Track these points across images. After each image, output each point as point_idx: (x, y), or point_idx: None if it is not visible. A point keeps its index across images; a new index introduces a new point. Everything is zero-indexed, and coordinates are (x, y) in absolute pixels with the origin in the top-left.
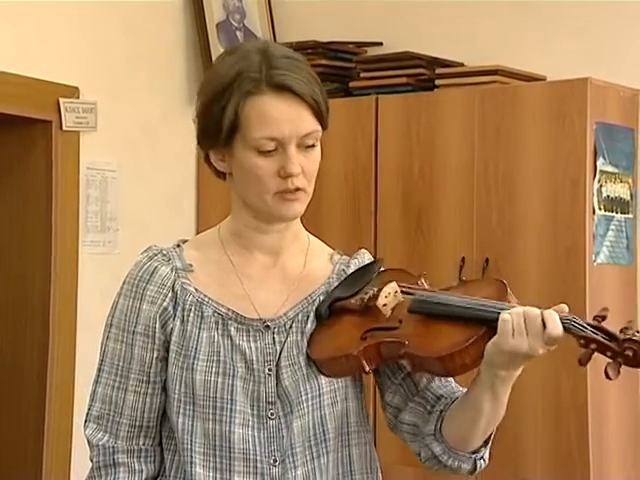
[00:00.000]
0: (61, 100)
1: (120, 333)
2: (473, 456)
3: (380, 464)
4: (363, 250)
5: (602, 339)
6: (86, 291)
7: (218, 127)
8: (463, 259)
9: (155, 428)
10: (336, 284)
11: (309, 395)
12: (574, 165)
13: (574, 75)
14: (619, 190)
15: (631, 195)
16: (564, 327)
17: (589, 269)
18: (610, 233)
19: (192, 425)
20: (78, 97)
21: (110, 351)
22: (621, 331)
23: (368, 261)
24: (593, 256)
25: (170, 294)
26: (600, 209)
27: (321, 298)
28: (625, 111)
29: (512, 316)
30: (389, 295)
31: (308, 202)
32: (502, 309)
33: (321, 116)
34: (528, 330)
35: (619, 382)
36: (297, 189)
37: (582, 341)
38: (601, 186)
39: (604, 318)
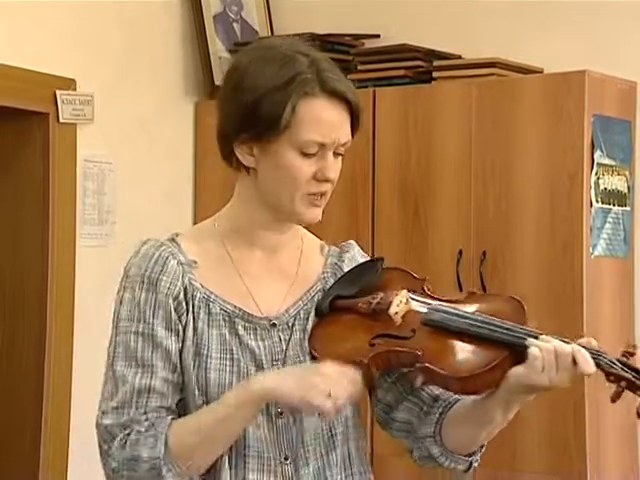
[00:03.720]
0: (58, 92)
1: (134, 325)
2: (470, 459)
3: (376, 456)
4: (351, 241)
5: (632, 377)
6: (83, 283)
7: (268, 122)
8: (460, 252)
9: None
10: (335, 279)
11: None
12: (571, 158)
13: (572, 68)
14: (616, 183)
15: (628, 188)
16: (594, 363)
17: (586, 261)
18: (607, 225)
19: None
20: (75, 89)
21: (124, 346)
22: None
23: (359, 254)
24: (590, 248)
25: (182, 288)
26: (597, 202)
27: (319, 295)
28: (622, 104)
29: (543, 353)
30: (400, 303)
31: None
32: (528, 335)
33: (355, 127)
34: (558, 367)
35: None
36: (322, 194)
37: (611, 377)
38: (598, 179)
39: (632, 355)
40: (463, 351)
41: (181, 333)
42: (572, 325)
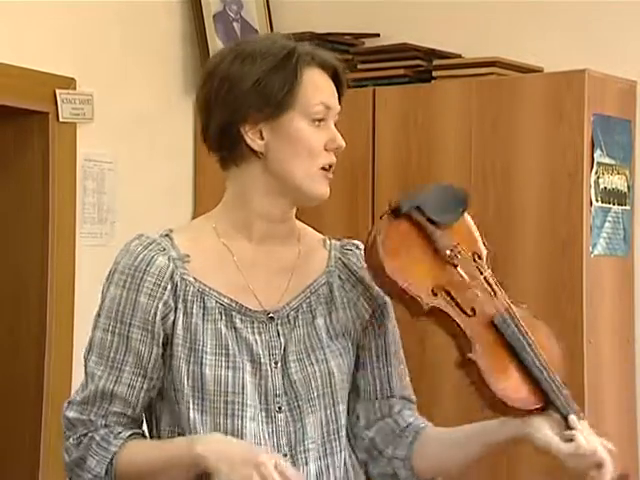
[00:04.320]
0: (57, 91)
1: (111, 324)
2: None
3: None
4: (357, 242)
5: None
6: (83, 283)
7: (279, 96)
8: None
9: (142, 420)
10: (339, 274)
11: (322, 391)
12: (571, 157)
13: (571, 67)
14: (616, 182)
15: (628, 187)
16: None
17: (586, 260)
18: (607, 225)
19: (202, 419)
20: (74, 88)
21: (98, 342)
22: None
23: (362, 257)
24: (590, 247)
25: (169, 286)
26: (597, 201)
27: (323, 288)
28: (622, 103)
29: (588, 447)
30: (482, 276)
31: None
32: (574, 412)
33: (340, 97)
34: (587, 463)
35: (615, 366)
36: (331, 166)
37: None
38: (598, 178)
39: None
40: (511, 375)
41: (159, 337)
42: (572, 324)
